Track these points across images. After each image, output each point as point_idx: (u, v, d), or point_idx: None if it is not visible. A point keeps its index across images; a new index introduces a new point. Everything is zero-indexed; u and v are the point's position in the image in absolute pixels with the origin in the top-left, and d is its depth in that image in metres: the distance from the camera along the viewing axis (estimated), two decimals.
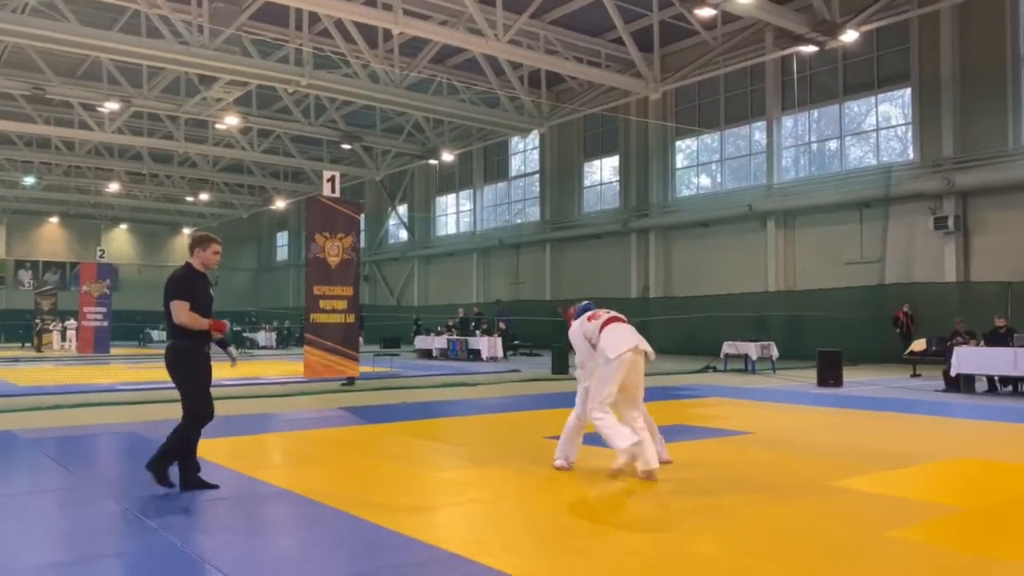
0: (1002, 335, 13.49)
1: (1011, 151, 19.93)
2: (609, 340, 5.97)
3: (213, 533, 4.64)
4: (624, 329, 6.09)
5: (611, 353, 5.88)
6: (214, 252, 5.72)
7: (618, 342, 5.94)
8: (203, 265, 5.72)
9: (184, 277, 5.61)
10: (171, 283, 5.57)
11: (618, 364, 5.87)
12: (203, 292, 5.64)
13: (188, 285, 5.56)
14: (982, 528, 4.68)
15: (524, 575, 3.69)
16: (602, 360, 5.95)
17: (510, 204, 36.04)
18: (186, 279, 5.60)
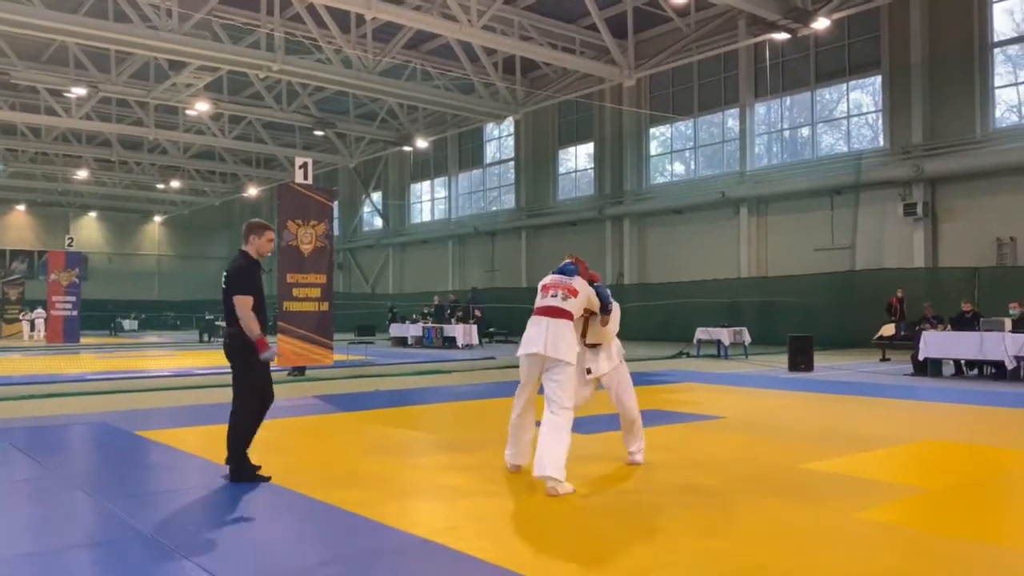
0: (968, 320, 13.74)
1: (978, 138, 20.23)
2: (525, 335, 5.52)
3: (185, 522, 4.61)
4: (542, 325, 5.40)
5: (520, 349, 5.56)
6: (268, 240, 5.68)
7: (530, 341, 5.43)
8: (257, 253, 5.67)
9: (246, 269, 5.55)
10: (234, 276, 5.49)
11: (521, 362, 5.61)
12: (260, 282, 5.63)
13: (251, 278, 5.52)
14: (945, 508, 4.78)
15: (498, 560, 3.72)
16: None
17: (485, 191, 35.97)
18: (248, 271, 5.54)
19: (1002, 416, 8.81)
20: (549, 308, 5.46)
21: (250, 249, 5.64)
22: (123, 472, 6.03)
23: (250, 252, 5.63)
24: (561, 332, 5.35)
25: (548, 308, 5.46)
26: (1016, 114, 20.41)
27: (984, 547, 3.97)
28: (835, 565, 3.68)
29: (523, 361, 5.54)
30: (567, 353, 5.30)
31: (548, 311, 5.44)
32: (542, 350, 5.28)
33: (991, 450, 6.67)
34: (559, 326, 5.37)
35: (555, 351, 5.27)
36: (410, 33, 22.48)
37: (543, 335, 5.33)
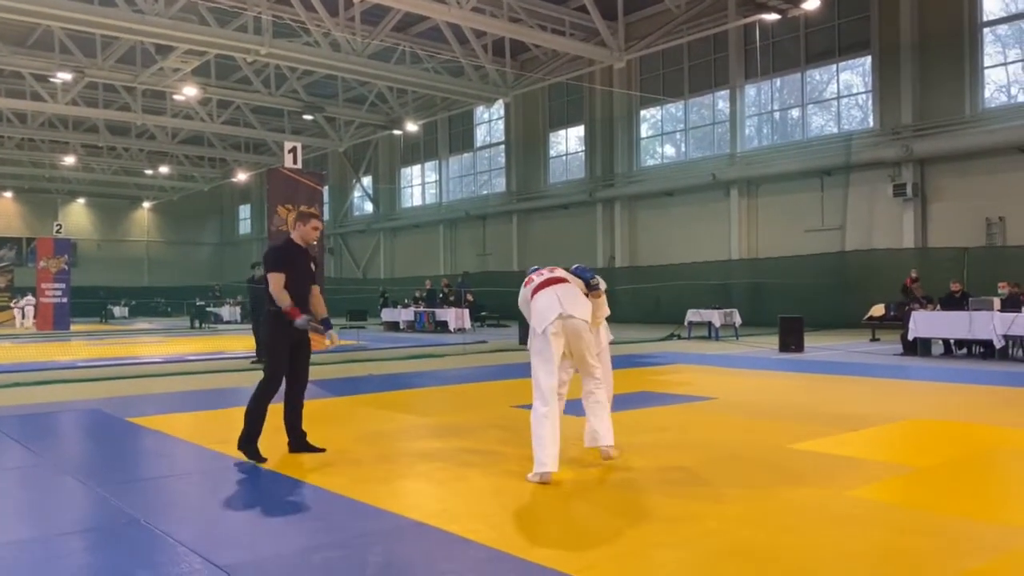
0: (957, 299, 13.82)
1: (967, 118, 20.27)
2: (537, 310, 5.22)
3: (177, 508, 4.62)
4: (552, 295, 5.22)
5: (539, 326, 5.15)
6: (313, 228, 5.93)
7: (547, 311, 5.14)
8: (302, 239, 5.91)
9: (280, 249, 5.90)
10: (268, 255, 5.91)
11: (546, 339, 5.09)
12: (301, 264, 5.85)
13: (283, 257, 5.79)
14: (935, 486, 4.83)
15: (491, 542, 3.74)
16: (531, 336, 5.25)
17: (476, 175, 35.88)
18: (281, 251, 5.86)
19: (991, 394, 8.89)
20: (549, 280, 5.38)
21: (295, 235, 5.95)
22: (115, 458, 6.03)
23: (295, 238, 5.94)
24: (571, 292, 5.28)
25: (548, 280, 5.38)
26: (1005, 94, 20.45)
27: (974, 523, 4.02)
28: (827, 543, 3.71)
29: (543, 341, 5.11)
30: (584, 311, 5.21)
31: (549, 282, 5.36)
32: (561, 310, 5.11)
33: (980, 428, 6.73)
34: (567, 288, 5.30)
35: (573, 309, 5.15)
36: (399, 15, 22.34)
37: (556, 300, 5.18)
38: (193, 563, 3.48)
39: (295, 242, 5.90)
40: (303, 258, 5.89)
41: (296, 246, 5.89)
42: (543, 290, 5.31)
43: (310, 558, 3.57)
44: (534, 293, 5.35)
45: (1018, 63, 20.08)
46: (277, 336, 5.81)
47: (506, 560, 3.50)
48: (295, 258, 5.82)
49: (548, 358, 5.09)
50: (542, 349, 5.13)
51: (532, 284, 5.44)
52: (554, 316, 5.10)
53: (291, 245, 5.89)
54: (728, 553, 3.58)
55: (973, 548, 3.62)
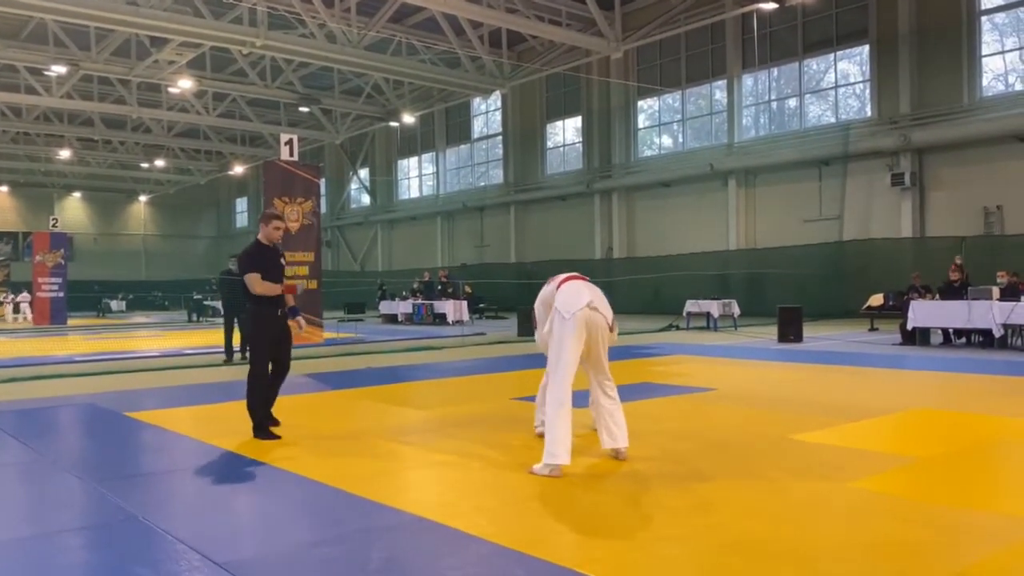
0: (956, 288, 13.79)
1: (965, 107, 20.22)
2: (564, 298, 5.27)
3: (175, 504, 4.59)
4: (582, 286, 5.37)
5: (566, 311, 5.16)
6: (275, 228, 6.42)
7: (575, 298, 5.22)
8: (267, 239, 6.38)
9: (250, 252, 6.34)
10: (241, 258, 6.37)
11: (574, 323, 5.11)
12: (272, 263, 6.32)
13: (256, 258, 6.28)
14: (938, 476, 4.80)
15: (492, 536, 3.71)
16: (557, 322, 5.21)
17: (473, 167, 35.79)
18: (253, 253, 6.32)
19: (991, 384, 8.87)
20: (576, 275, 5.56)
21: (261, 236, 6.41)
22: (113, 454, 6.00)
23: (261, 239, 6.40)
24: (599, 292, 5.39)
25: (575, 275, 5.56)
26: (1003, 82, 20.39)
27: (977, 514, 3.99)
28: (831, 535, 3.69)
29: (582, 316, 5.11)
30: (608, 311, 5.33)
31: (577, 277, 5.53)
32: (591, 299, 5.20)
33: (981, 417, 6.71)
34: (595, 288, 5.42)
35: (600, 304, 5.25)
36: (395, 6, 22.22)
37: (586, 291, 5.29)
38: (192, 560, 3.45)
39: (262, 243, 6.36)
40: (272, 257, 6.36)
41: (264, 246, 6.36)
42: (571, 282, 5.44)
43: (310, 554, 3.54)
44: (560, 285, 5.44)
45: (1015, 51, 20.02)
46: (258, 331, 6.34)
47: (509, 555, 3.47)
48: (265, 258, 6.29)
49: (571, 346, 5.09)
50: (565, 336, 5.11)
51: (557, 281, 5.55)
52: (583, 303, 5.17)
53: (260, 246, 6.35)
54: (732, 545, 3.55)
55: (976, 539, 3.60)
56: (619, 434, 5.30)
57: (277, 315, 6.38)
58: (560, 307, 5.22)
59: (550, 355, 5.25)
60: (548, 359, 5.29)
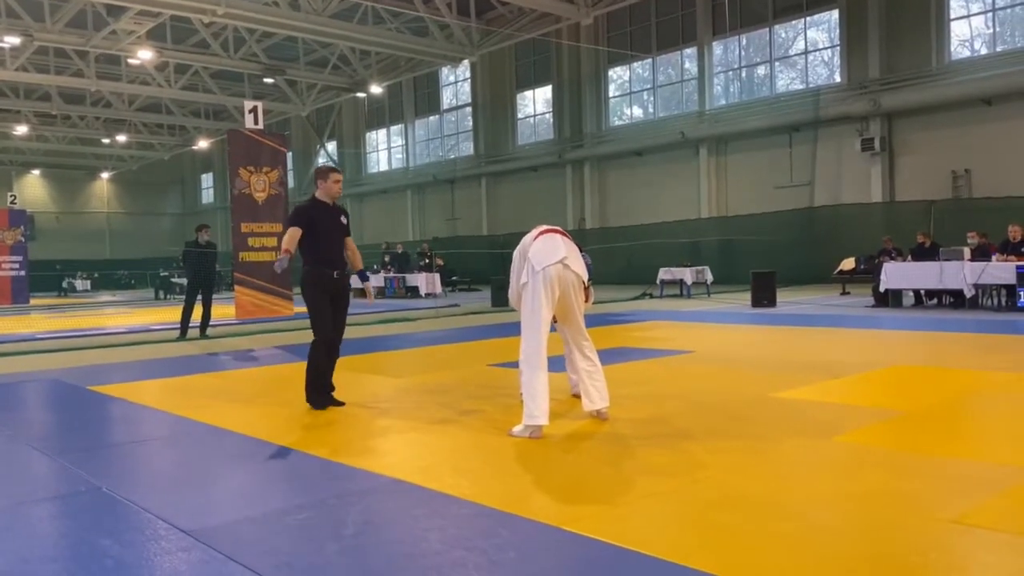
0: (927, 250, 13.87)
1: (934, 71, 20.28)
2: (538, 250, 5.04)
3: (141, 475, 4.41)
4: (559, 241, 5.11)
5: (537, 264, 4.94)
6: (335, 181, 6.02)
7: (550, 253, 4.99)
8: (327, 195, 6.01)
9: (301, 205, 6.00)
10: (290, 213, 6.04)
11: (544, 277, 4.90)
12: (326, 220, 5.93)
13: (302, 213, 5.88)
14: (921, 428, 4.76)
15: (474, 497, 3.58)
16: (529, 275, 4.98)
17: (443, 139, 35.39)
18: (301, 207, 5.95)
19: (964, 341, 8.91)
20: (553, 229, 5.29)
21: (319, 193, 6.03)
22: (76, 427, 5.78)
23: (319, 195, 6.02)
24: (574, 250, 5.20)
25: (552, 229, 5.28)
26: (969, 48, 20.46)
27: (965, 463, 3.94)
28: (820, 489, 3.61)
29: (541, 280, 4.89)
30: (581, 270, 5.13)
31: (554, 230, 5.26)
32: (564, 255, 5.00)
33: (959, 372, 6.70)
34: (571, 244, 5.21)
35: (573, 263, 5.05)
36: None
37: (562, 247, 5.07)
38: (158, 529, 3.28)
39: (320, 199, 5.98)
40: (330, 214, 5.97)
41: (321, 203, 5.97)
42: (549, 235, 5.18)
43: (284, 520, 3.39)
44: (537, 236, 5.20)
45: (981, 15, 20.06)
46: (314, 295, 5.93)
47: (492, 515, 3.34)
48: (320, 215, 5.88)
49: (543, 302, 4.90)
50: (537, 290, 4.91)
51: (536, 232, 5.29)
52: (556, 259, 4.97)
53: (316, 202, 5.97)
54: (719, 501, 3.46)
55: (970, 487, 3.54)
56: (597, 396, 5.18)
57: (333, 276, 5.95)
58: (533, 259, 5.00)
59: (523, 311, 5.02)
60: (521, 316, 5.07)
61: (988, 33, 20.11)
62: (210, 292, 11.96)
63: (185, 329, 11.91)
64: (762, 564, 2.74)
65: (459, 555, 2.90)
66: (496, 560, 2.85)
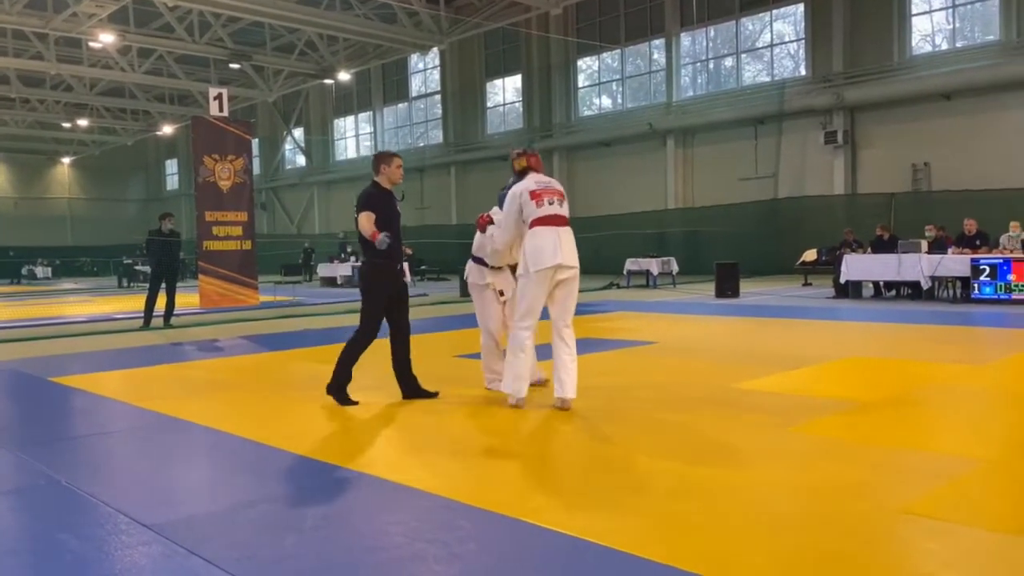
0: (886, 243, 14.14)
1: (895, 66, 20.61)
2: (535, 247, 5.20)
3: (102, 468, 4.38)
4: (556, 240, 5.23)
5: (532, 265, 5.18)
6: (398, 166, 5.84)
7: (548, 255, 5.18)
8: (389, 181, 5.82)
9: (370, 190, 5.77)
10: (359, 200, 5.73)
11: (538, 279, 5.19)
12: (392, 209, 5.78)
13: (374, 197, 5.71)
14: (877, 419, 4.88)
15: (436, 489, 3.62)
16: (521, 271, 5.29)
17: (412, 126, 35.19)
18: (373, 194, 5.74)
19: (920, 332, 9.12)
20: (554, 217, 5.32)
21: (381, 179, 5.81)
22: (34, 419, 5.72)
23: (381, 182, 5.81)
24: (571, 240, 5.33)
25: (553, 217, 5.31)
26: (930, 43, 20.81)
27: (917, 453, 4.07)
28: (778, 478, 3.70)
29: (537, 278, 5.16)
30: (578, 262, 5.32)
31: (554, 220, 5.30)
32: (563, 260, 5.19)
33: (914, 363, 6.87)
34: (568, 234, 5.32)
35: (573, 259, 5.26)
36: None
37: (558, 244, 5.21)
38: (118, 523, 3.27)
39: (382, 186, 5.81)
40: (392, 201, 5.84)
41: (384, 190, 5.81)
42: (546, 231, 5.23)
43: (245, 513, 3.40)
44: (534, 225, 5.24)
45: (942, 11, 20.41)
46: (375, 288, 5.77)
47: (454, 507, 3.39)
48: (387, 203, 5.75)
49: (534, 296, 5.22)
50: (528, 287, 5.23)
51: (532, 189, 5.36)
52: (553, 263, 5.16)
53: (380, 189, 5.80)
54: (682, 491, 3.53)
55: (919, 477, 3.66)
56: (568, 385, 5.24)
57: (397, 270, 5.81)
58: (529, 258, 5.19)
59: (518, 299, 5.36)
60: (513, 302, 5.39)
61: (948, 29, 20.47)
62: (174, 281, 11.84)
63: (149, 318, 11.77)
64: (717, 553, 2.81)
65: (420, 547, 2.94)
66: (457, 552, 2.89)
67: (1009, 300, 11.95)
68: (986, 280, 12.22)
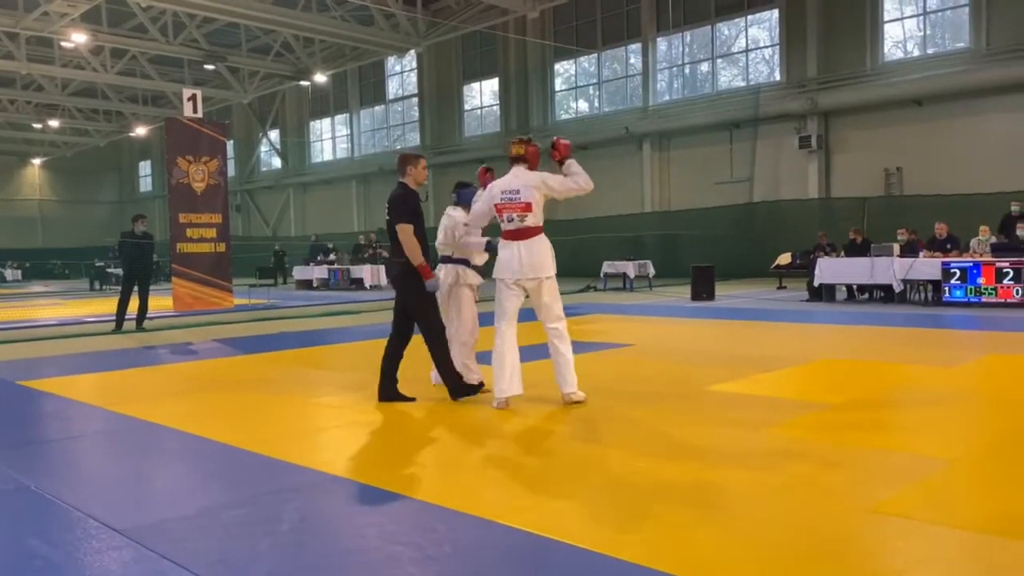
0: (860, 246, 14.31)
1: (868, 72, 20.87)
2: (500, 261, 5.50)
3: (72, 472, 4.33)
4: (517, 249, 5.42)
5: (496, 272, 5.49)
6: (423, 167, 5.83)
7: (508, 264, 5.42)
8: (415, 182, 5.77)
9: (406, 197, 5.67)
10: (395, 205, 5.64)
11: (504, 287, 5.48)
12: (420, 212, 5.73)
13: (411, 206, 5.64)
14: (848, 421, 4.94)
15: (412, 492, 3.62)
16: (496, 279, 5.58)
17: (389, 129, 35.09)
18: (408, 200, 5.66)
19: (892, 335, 9.24)
20: (515, 231, 5.45)
21: (408, 180, 5.74)
22: (4, 423, 5.63)
23: (409, 183, 5.73)
24: (533, 250, 5.41)
25: (514, 231, 5.45)
26: (902, 50, 21.10)
27: (886, 454, 4.12)
28: (749, 479, 3.73)
29: (500, 284, 5.48)
30: (545, 268, 5.42)
31: (515, 234, 5.45)
32: (520, 275, 5.39)
33: (885, 365, 6.96)
34: (529, 246, 5.41)
35: (533, 271, 5.39)
36: None
37: (519, 259, 5.39)
38: (88, 528, 3.24)
39: (410, 187, 5.73)
40: (419, 203, 5.77)
41: (413, 192, 5.74)
42: (508, 240, 5.44)
43: (218, 517, 3.37)
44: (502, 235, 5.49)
45: (913, 18, 20.71)
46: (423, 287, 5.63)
47: (428, 510, 3.38)
48: (418, 206, 5.71)
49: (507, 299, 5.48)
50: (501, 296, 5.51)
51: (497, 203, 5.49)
52: (512, 276, 5.41)
53: (411, 192, 5.72)
54: (651, 491, 3.56)
55: (887, 478, 3.71)
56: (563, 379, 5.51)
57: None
58: (496, 270, 5.48)
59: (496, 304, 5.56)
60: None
61: (920, 35, 20.77)
62: (147, 284, 11.72)
63: (121, 321, 11.63)
64: (689, 554, 2.83)
65: (395, 550, 2.94)
66: (432, 555, 2.89)
67: (979, 303, 12.13)
68: (956, 283, 12.40)
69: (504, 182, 5.57)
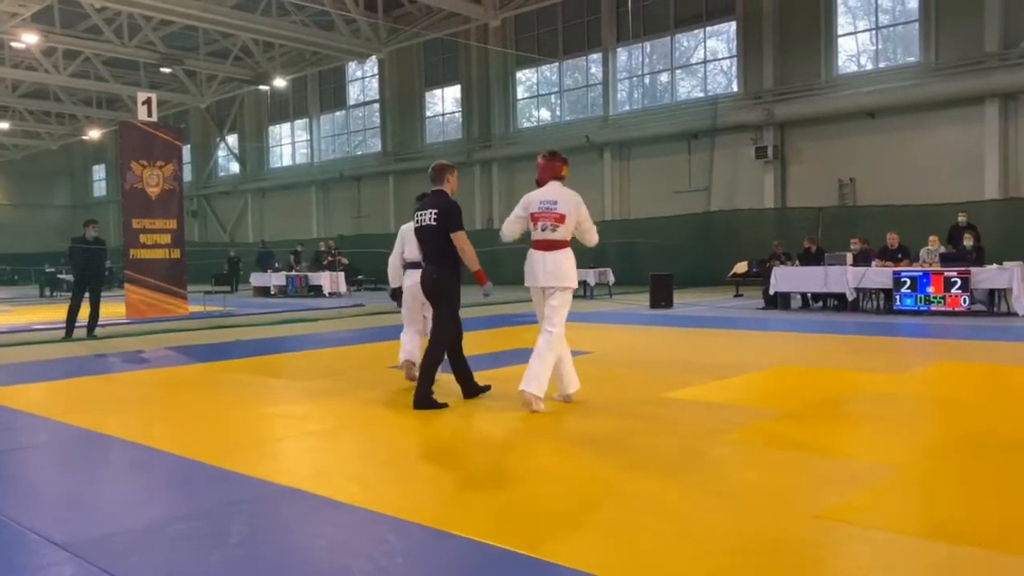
0: (814, 255, 14.57)
1: (823, 84, 21.30)
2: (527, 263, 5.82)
3: (13, 484, 4.20)
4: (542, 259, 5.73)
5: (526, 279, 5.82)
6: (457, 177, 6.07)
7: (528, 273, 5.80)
8: (452, 191, 5.96)
9: (456, 206, 5.83)
10: (450, 213, 5.75)
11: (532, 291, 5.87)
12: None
13: (461, 213, 5.85)
14: (800, 427, 5.01)
15: (367, 503, 3.58)
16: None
17: (349, 135, 34.88)
18: (458, 208, 5.83)
19: (845, 342, 9.41)
20: (542, 242, 5.71)
21: (447, 188, 5.92)
22: None
23: (447, 190, 5.92)
24: (557, 260, 5.67)
25: (541, 242, 5.71)
26: (855, 63, 21.57)
27: (838, 460, 4.18)
28: (703, 486, 3.76)
29: (532, 290, 5.85)
30: (564, 279, 5.68)
31: (542, 244, 5.71)
32: (542, 283, 5.68)
33: (838, 372, 7.08)
34: (554, 256, 5.67)
35: (554, 280, 5.65)
36: None
37: (543, 267, 5.67)
38: (27, 541, 3.15)
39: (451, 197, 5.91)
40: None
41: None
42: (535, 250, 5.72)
43: (165, 530, 3.30)
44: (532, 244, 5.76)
45: (866, 32, 21.20)
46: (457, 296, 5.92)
47: (382, 521, 3.35)
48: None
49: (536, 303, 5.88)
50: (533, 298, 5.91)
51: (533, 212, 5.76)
52: (535, 283, 5.73)
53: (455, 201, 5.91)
54: (607, 499, 3.57)
55: (837, 483, 3.76)
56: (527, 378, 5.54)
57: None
58: (525, 279, 5.81)
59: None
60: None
61: (872, 49, 21.26)
62: (98, 290, 11.48)
63: (71, 329, 11.37)
64: (637, 562, 2.84)
65: (346, 562, 2.90)
66: (383, 567, 2.86)
67: (928, 311, 12.42)
68: (907, 292, 12.69)
69: (541, 193, 5.85)
